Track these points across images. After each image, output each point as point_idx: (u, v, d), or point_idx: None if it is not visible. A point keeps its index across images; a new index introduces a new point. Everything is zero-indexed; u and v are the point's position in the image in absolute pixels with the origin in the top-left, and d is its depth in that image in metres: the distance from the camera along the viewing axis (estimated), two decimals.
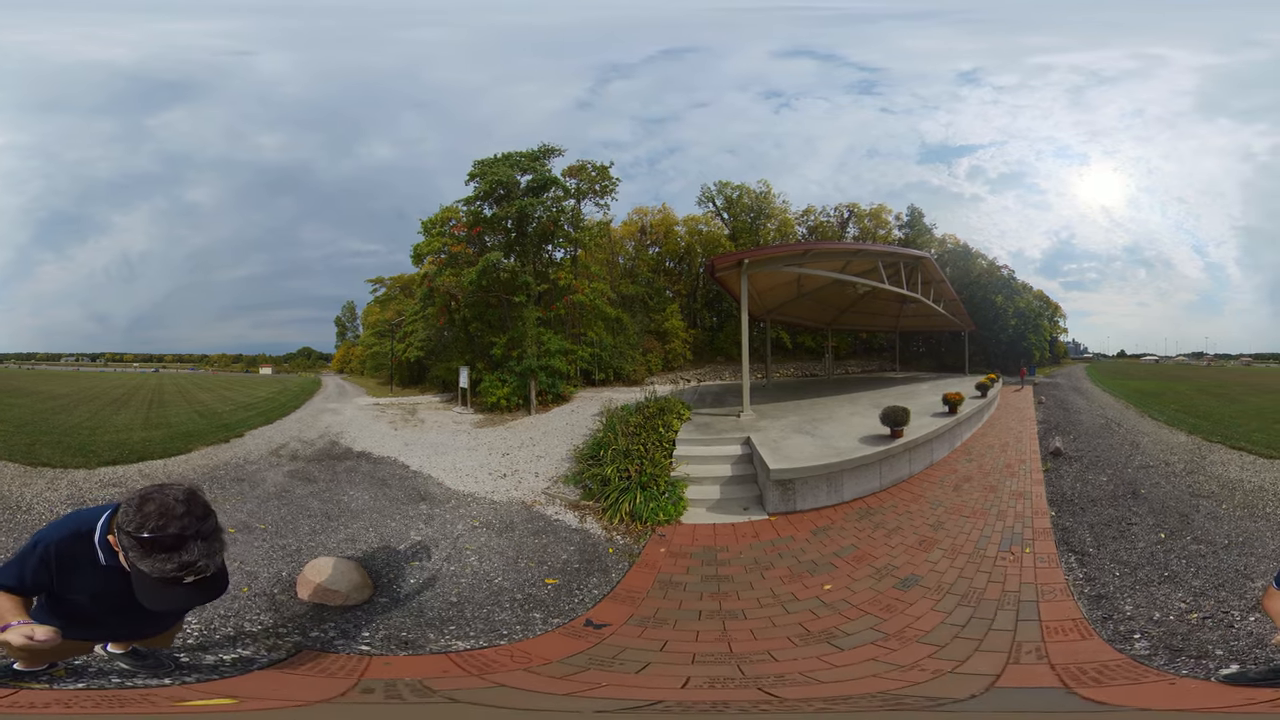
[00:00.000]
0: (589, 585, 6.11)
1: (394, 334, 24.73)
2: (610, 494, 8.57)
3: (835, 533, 7.55)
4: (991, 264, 33.18)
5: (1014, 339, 32.57)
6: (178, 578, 2.65)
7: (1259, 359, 38.70)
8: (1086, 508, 8.00)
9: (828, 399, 16.46)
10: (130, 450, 10.59)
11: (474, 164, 18.75)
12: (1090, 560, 6.22)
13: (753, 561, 6.80)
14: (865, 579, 6.14)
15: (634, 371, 23.56)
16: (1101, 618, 4.98)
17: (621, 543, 7.28)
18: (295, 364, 37.56)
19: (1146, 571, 5.81)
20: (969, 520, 7.69)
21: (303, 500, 8.63)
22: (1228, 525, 6.85)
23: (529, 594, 5.94)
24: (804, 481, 8.47)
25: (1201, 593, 5.27)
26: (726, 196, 29.35)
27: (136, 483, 8.64)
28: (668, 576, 6.47)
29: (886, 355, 33.34)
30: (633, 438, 10.03)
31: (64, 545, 2.88)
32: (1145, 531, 6.88)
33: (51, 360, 34.17)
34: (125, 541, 2.65)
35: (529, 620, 5.43)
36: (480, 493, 9.58)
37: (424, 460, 11.69)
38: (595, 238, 21.88)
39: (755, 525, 7.98)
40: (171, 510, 2.64)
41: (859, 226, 30.99)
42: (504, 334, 18.58)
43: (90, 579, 2.90)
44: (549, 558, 6.84)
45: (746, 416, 12.18)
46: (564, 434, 13.80)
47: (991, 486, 9.29)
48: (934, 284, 20.34)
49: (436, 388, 22.39)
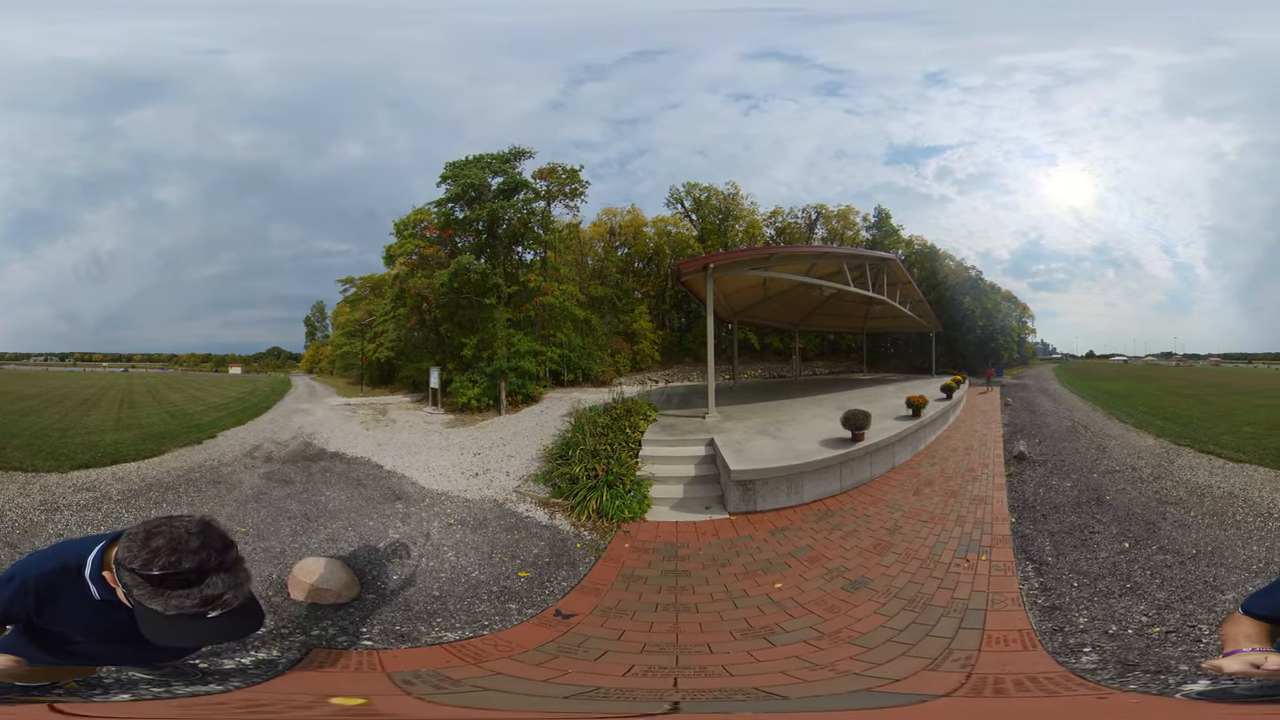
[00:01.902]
0: (558, 578, 6.46)
1: (364, 334, 24.68)
2: (579, 492, 8.88)
3: (793, 533, 7.69)
4: (959, 264, 33.73)
5: (982, 340, 33.12)
6: (200, 613, 2.42)
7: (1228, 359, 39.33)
8: (1048, 515, 7.88)
9: (793, 401, 16.61)
10: (103, 453, 10.49)
11: (446, 166, 18.85)
12: (1048, 570, 6.10)
13: (710, 558, 6.99)
14: (816, 579, 6.26)
15: (603, 372, 23.76)
16: (1051, 630, 4.87)
17: (589, 538, 7.66)
18: (265, 364, 37.21)
19: (1107, 583, 5.65)
20: (927, 525, 7.70)
21: (281, 502, 8.71)
22: (1195, 534, 6.67)
23: (504, 586, 6.25)
24: (765, 482, 8.66)
25: (1166, 605, 5.11)
26: (695, 198, 29.58)
27: (111, 486, 8.77)
28: (630, 570, 6.76)
29: (854, 356, 33.71)
30: (600, 438, 10.35)
31: (47, 580, 2.67)
32: (1108, 540, 6.75)
33: (20, 360, 33.51)
34: (129, 580, 2.41)
35: (505, 611, 5.74)
36: (454, 491, 9.77)
37: (397, 460, 11.82)
38: (565, 240, 22.08)
39: (716, 524, 8.19)
40: (185, 544, 2.41)
41: (827, 227, 31.42)
42: (474, 335, 18.68)
43: (81, 614, 2.69)
44: (521, 552, 7.14)
45: (712, 418, 12.38)
46: (534, 434, 14.01)
47: (952, 491, 9.27)
48: (900, 285, 20.60)
49: (407, 388, 22.37)
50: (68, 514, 7.48)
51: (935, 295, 28.06)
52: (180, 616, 2.40)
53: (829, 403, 15.54)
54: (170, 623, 2.42)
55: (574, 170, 20.96)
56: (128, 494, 8.47)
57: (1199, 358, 39.40)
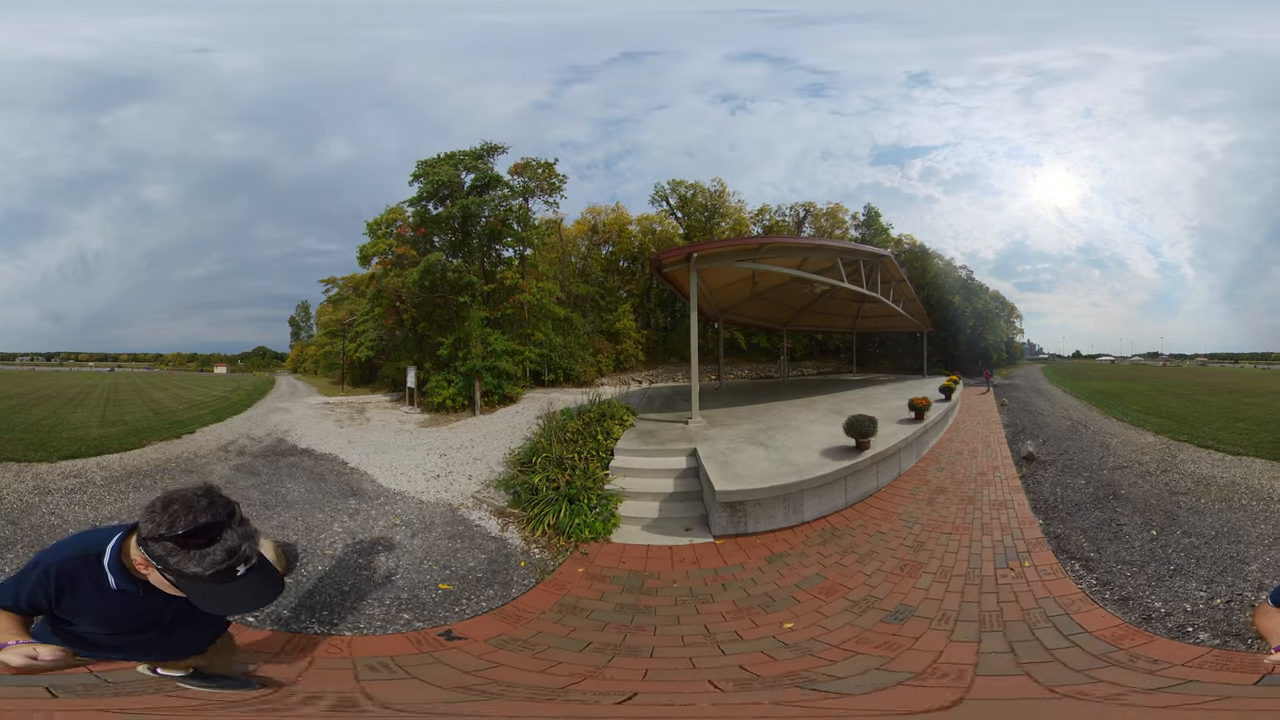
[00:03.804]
0: (482, 596, 5.89)
1: (345, 334, 24.61)
2: (537, 504, 8.13)
3: (795, 559, 6.66)
4: (949, 264, 33.56)
5: (972, 340, 32.94)
6: (231, 568, 2.55)
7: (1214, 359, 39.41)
8: (1073, 513, 7.79)
9: (784, 404, 15.72)
10: (88, 445, 11.37)
11: (417, 164, 18.57)
12: (1096, 565, 6.00)
13: (687, 592, 5.98)
14: (840, 614, 5.32)
15: (584, 372, 23.43)
16: (1141, 619, 4.85)
17: (538, 557, 6.94)
18: (250, 363, 37.52)
19: (1154, 568, 5.78)
20: (953, 537, 7.08)
21: (245, 491, 9.20)
22: (1210, 518, 7.02)
23: (414, 595, 5.86)
24: (757, 503, 7.56)
25: (1211, 580, 5.37)
26: (680, 195, 29.26)
27: (95, 474, 9.64)
28: (574, 600, 5.88)
29: (843, 356, 33.43)
30: (569, 445, 9.62)
31: (68, 567, 2.74)
32: (1136, 530, 6.86)
33: (6, 360, 33.63)
34: (160, 550, 2.49)
35: (395, 619, 5.41)
36: (410, 492, 9.63)
37: (363, 458, 11.95)
38: (544, 236, 21.73)
39: (697, 549, 7.09)
40: (195, 503, 2.54)
41: (815, 226, 31.13)
42: (451, 334, 18.39)
43: (96, 603, 2.75)
44: (455, 563, 6.67)
45: (695, 423, 11.52)
46: (504, 436, 13.65)
47: (968, 497, 8.73)
48: (894, 284, 20.08)
49: (387, 387, 22.24)
50: (57, 497, 8.34)
51: (925, 295, 27.72)
52: (219, 574, 2.52)
53: (823, 405, 14.86)
54: (216, 586, 2.55)
55: (549, 164, 20.64)
56: (110, 480, 9.36)
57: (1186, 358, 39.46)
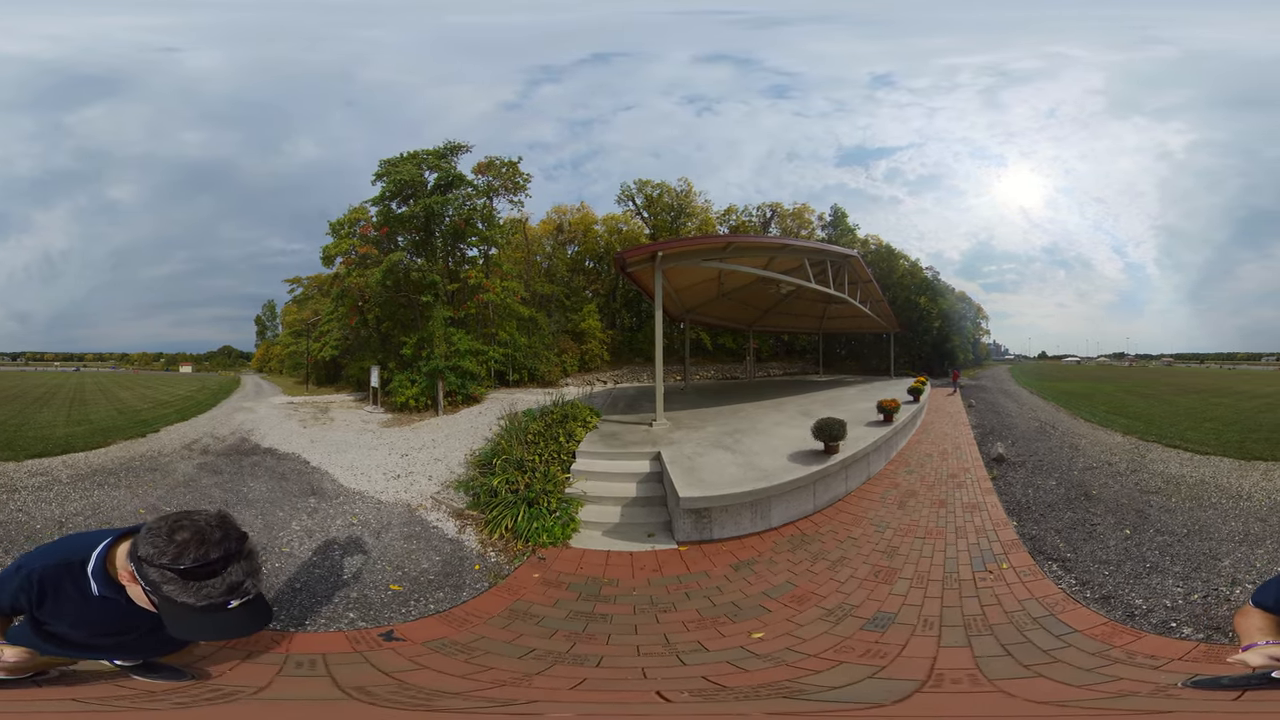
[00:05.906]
0: (430, 599, 5.80)
1: (310, 334, 24.41)
2: (495, 506, 8.04)
3: (763, 567, 6.45)
4: (915, 265, 34.03)
5: (938, 341, 33.38)
6: (224, 603, 2.53)
7: (1180, 359, 40.13)
8: (1046, 514, 7.76)
9: (750, 405, 15.53)
10: (54, 444, 11.46)
11: (380, 163, 18.43)
12: (1074, 565, 6.01)
13: (647, 600, 5.78)
14: (815, 623, 5.10)
15: (549, 372, 23.41)
16: (1126, 616, 4.88)
17: (493, 561, 6.83)
18: (216, 363, 37.24)
19: (1131, 566, 5.83)
20: (926, 541, 6.94)
21: (207, 489, 9.30)
22: (1182, 516, 7.13)
23: (363, 595, 5.77)
24: (724, 509, 7.36)
25: (1186, 577, 5.46)
26: (646, 195, 29.38)
27: (61, 472, 9.60)
28: (526, 606, 5.67)
29: (809, 357, 33.69)
30: (530, 447, 9.59)
31: (50, 573, 2.78)
32: (1110, 530, 6.89)
33: None
34: (156, 575, 2.47)
35: (340, 617, 5.28)
36: (370, 491, 9.59)
37: (324, 457, 11.92)
38: (508, 235, 21.68)
39: (659, 556, 6.90)
40: (209, 535, 2.52)
41: (781, 226, 31.39)
42: (414, 334, 18.28)
43: (77, 608, 2.79)
44: (408, 565, 6.61)
45: (660, 425, 11.28)
46: (466, 436, 13.64)
47: (940, 500, 8.63)
48: (861, 284, 20.26)
49: (351, 386, 22.16)
50: (24, 494, 8.32)
51: (891, 295, 28.11)
52: (208, 607, 2.50)
53: (790, 407, 14.69)
54: (200, 615, 2.52)
55: (513, 163, 20.58)
56: (75, 478, 9.35)
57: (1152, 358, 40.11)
